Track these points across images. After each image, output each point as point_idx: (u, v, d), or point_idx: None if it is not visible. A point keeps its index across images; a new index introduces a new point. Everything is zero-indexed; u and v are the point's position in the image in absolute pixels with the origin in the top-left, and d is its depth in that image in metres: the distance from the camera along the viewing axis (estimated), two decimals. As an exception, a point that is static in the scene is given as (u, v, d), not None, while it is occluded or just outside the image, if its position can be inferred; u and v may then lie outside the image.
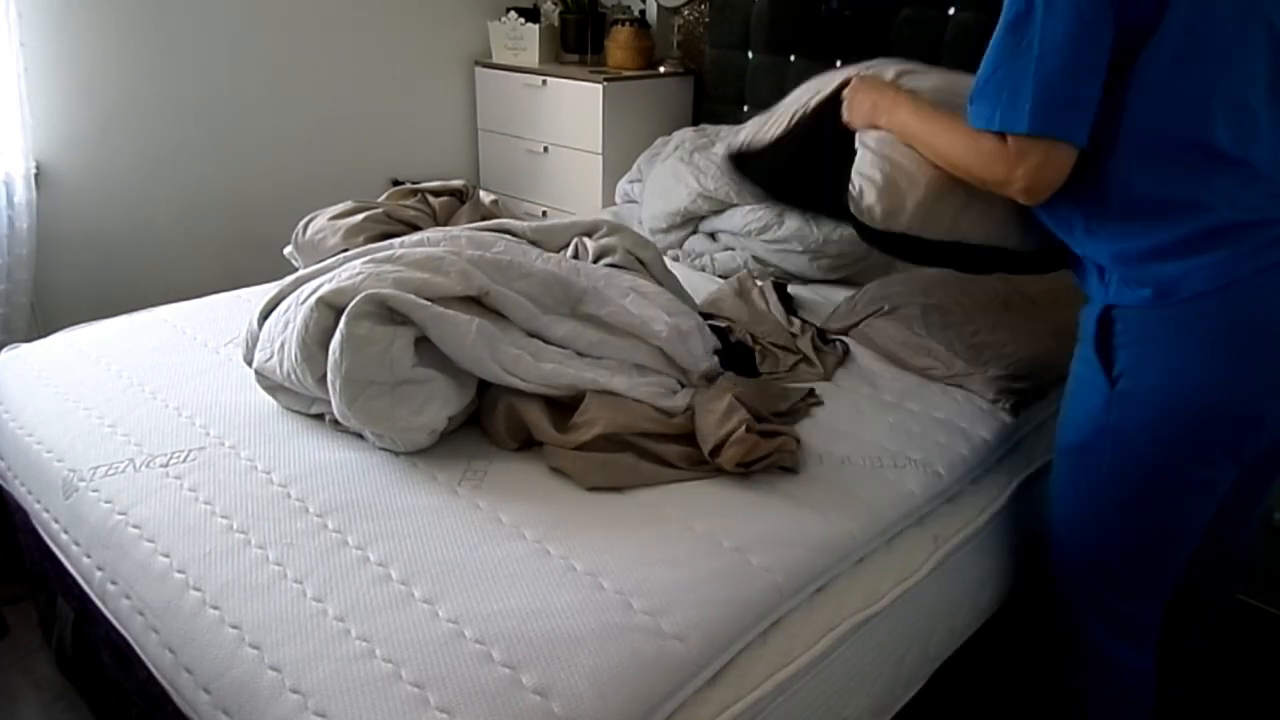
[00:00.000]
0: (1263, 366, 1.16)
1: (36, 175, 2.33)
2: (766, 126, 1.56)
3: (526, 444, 1.47)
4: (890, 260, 1.71)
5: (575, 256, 1.85)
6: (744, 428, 1.38)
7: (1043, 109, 1.10)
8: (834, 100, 1.46)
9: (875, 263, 2.20)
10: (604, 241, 1.86)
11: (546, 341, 1.56)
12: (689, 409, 1.53)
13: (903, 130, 1.34)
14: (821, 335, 1.88)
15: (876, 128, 1.38)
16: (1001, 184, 1.18)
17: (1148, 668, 1.40)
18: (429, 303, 1.42)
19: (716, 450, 1.38)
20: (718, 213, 2.40)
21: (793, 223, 2.21)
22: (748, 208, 2.31)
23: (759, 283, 2.10)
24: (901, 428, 1.57)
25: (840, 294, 2.14)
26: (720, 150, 2.40)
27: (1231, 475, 1.26)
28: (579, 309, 1.61)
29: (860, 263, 2.25)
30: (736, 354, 1.73)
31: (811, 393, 1.65)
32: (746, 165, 1.62)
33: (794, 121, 1.50)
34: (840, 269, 2.27)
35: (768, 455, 1.37)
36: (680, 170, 2.46)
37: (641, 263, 1.85)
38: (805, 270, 2.27)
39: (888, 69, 1.43)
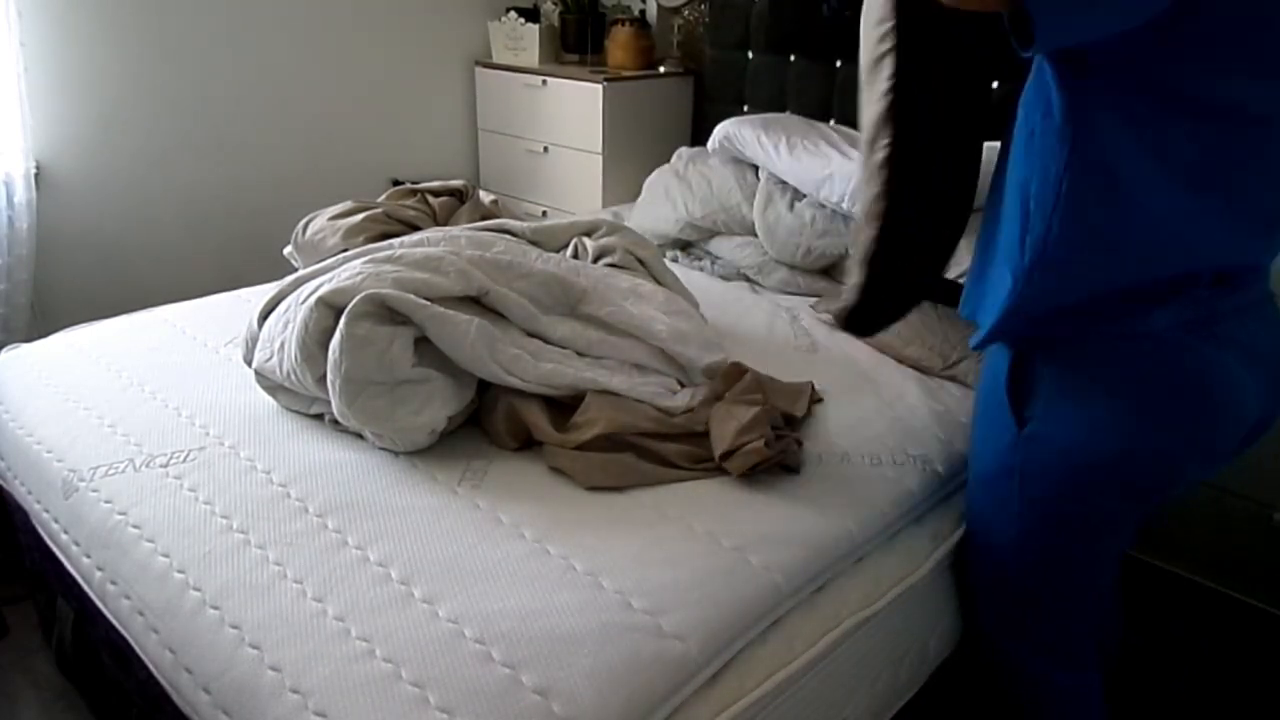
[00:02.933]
0: (1186, 425, 1.10)
1: (36, 175, 2.33)
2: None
3: (526, 444, 1.47)
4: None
5: (575, 256, 1.85)
6: (763, 442, 1.36)
7: None
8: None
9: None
10: (604, 241, 1.87)
11: (546, 341, 1.56)
12: (689, 409, 1.53)
13: None
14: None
15: None
16: None
17: (1086, 684, 1.35)
18: (428, 303, 1.43)
19: (727, 454, 1.37)
20: (706, 239, 2.40)
21: (782, 273, 2.22)
22: (736, 241, 2.32)
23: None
24: (900, 424, 1.57)
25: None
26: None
27: (1148, 510, 1.22)
28: (579, 309, 1.61)
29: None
30: None
31: (812, 391, 1.65)
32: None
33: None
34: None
35: (770, 456, 1.37)
36: (672, 188, 2.42)
37: (641, 262, 1.85)
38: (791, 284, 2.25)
39: None
